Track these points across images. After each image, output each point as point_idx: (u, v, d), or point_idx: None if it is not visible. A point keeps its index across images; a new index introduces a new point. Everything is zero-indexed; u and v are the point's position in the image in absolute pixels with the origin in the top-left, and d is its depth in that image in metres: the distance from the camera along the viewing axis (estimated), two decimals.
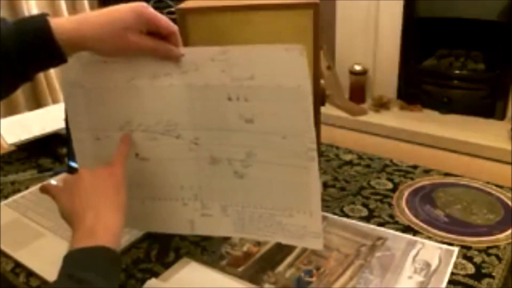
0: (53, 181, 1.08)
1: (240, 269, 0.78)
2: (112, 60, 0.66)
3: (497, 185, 0.99)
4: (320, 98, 0.90)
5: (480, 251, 0.81)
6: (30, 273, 0.81)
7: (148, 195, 0.72)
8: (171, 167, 0.70)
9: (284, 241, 0.69)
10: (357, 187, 1.01)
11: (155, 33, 0.63)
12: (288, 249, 0.82)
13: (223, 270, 0.78)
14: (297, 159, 0.64)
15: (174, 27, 0.64)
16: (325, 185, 1.02)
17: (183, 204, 0.71)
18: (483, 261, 0.78)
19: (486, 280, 0.74)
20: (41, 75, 2.63)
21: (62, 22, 0.60)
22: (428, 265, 0.77)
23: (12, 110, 2.26)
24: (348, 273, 0.76)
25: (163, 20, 0.63)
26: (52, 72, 2.69)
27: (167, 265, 0.80)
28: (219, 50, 0.63)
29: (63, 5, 2.71)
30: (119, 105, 0.68)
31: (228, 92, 0.64)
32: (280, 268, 0.78)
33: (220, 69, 0.63)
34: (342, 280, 0.75)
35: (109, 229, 0.59)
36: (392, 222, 0.89)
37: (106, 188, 0.62)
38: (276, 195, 0.67)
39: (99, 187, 0.62)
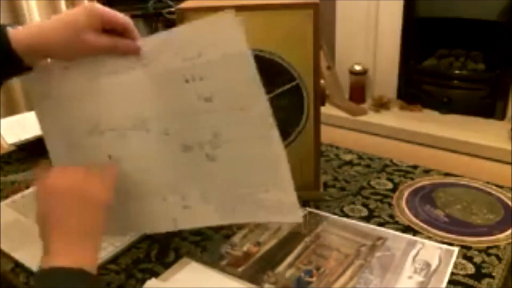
0: None
1: (240, 269, 0.78)
2: (73, 64, 0.66)
3: (497, 185, 0.99)
4: (320, 98, 0.90)
5: (480, 251, 0.81)
6: (30, 273, 0.81)
7: (126, 196, 0.71)
8: (145, 163, 0.69)
9: (266, 219, 0.69)
10: (357, 187, 1.01)
11: (112, 30, 0.63)
12: (288, 249, 0.82)
13: (223, 270, 0.78)
14: (257, 130, 0.64)
15: (128, 21, 0.63)
16: (325, 185, 1.02)
17: (162, 199, 0.70)
18: (483, 261, 0.78)
19: (486, 280, 0.74)
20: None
21: (20, 30, 0.62)
22: (428, 265, 0.77)
23: (12, 110, 2.26)
24: (348, 273, 0.76)
25: (116, 15, 0.62)
26: None
27: (167, 265, 0.80)
28: (167, 33, 0.63)
29: (63, 5, 2.71)
30: (85, 109, 0.68)
31: (184, 74, 0.64)
32: (280, 268, 0.78)
33: (174, 53, 0.63)
34: (342, 280, 0.75)
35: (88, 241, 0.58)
36: (392, 222, 0.89)
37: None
38: (248, 172, 0.66)
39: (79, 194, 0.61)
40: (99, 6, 0.62)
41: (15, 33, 0.61)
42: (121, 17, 0.63)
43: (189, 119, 0.66)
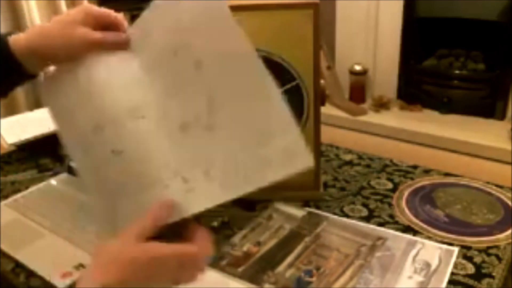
0: (53, 181, 1.08)
1: (240, 269, 0.78)
2: (72, 68, 0.67)
3: (497, 185, 0.99)
4: (320, 98, 0.90)
5: (480, 251, 0.81)
6: (30, 273, 0.81)
7: (132, 190, 0.68)
8: (145, 152, 0.66)
9: (276, 176, 0.62)
10: (357, 187, 1.01)
11: (106, 29, 0.66)
12: (288, 249, 0.82)
13: (223, 270, 0.78)
14: (251, 79, 0.62)
15: (118, 15, 0.66)
16: (325, 185, 1.02)
17: (164, 187, 0.65)
18: (483, 261, 0.78)
19: (486, 280, 0.74)
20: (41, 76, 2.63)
21: (20, 35, 0.64)
22: (428, 265, 0.77)
23: (12, 110, 2.26)
24: (348, 273, 0.76)
25: (107, 11, 0.66)
26: None
27: None
28: (148, 10, 0.64)
29: (63, 5, 2.71)
30: (87, 109, 0.67)
31: (171, 48, 0.63)
32: (280, 268, 0.78)
33: (160, 28, 0.64)
34: (342, 280, 0.75)
35: None
36: (392, 222, 0.89)
37: None
38: (249, 128, 0.63)
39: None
40: (93, 6, 0.65)
41: (14, 38, 0.63)
42: (111, 12, 0.66)
43: (184, 92, 0.65)
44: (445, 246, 0.81)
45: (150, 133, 0.66)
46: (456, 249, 0.80)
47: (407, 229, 0.87)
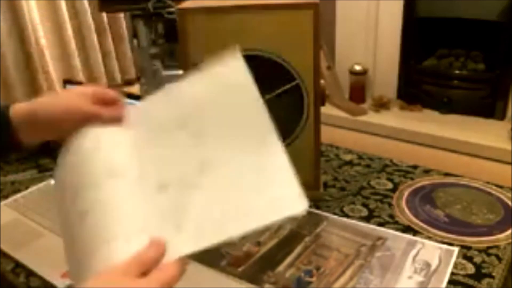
0: (53, 181, 1.08)
1: (240, 269, 0.78)
2: (71, 139, 0.66)
3: (497, 185, 0.99)
4: (320, 98, 0.90)
5: (480, 251, 0.81)
6: (30, 273, 0.81)
7: (96, 245, 0.60)
8: (111, 209, 0.61)
9: (263, 222, 0.58)
10: (357, 187, 1.01)
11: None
12: (288, 249, 0.82)
13: (223, 270, 0.78)
14: (256, 140, 0.60)
15: (116, 94, 0.67)
16: (325, 185, 1.02)
17: (125, 241, 0.58)
18: (483, 261, 0.78)
19: (486, 280, 0.74)
20: (41, 75, 2.63)
21: (23, 104, 0.66)
22: (428, 265, 0.77)
23: None
24: (348, 273, 0.76)
25: (106, 90, 0.68)
26: (52, 72, 2.69)
27: None
28: (164, 92, 0.63)
29: (63, 5, 2.72)
30: (72, 176, 0.64)
31: (174, 120, 0.62)
32: (280, 268, 0.78)
33: (165, 102, 0.63)
34: (342, 280, 0.75)
35: None
36: (392, 222, 0.89)
37: None
38: (240, 186, 0.60)
39: None
40: (95, 86, 0.69)
41: (16, 105, 0.65)
42: (110, 91, 0.68)
43: (175, 157, 0.62)
44: (445, 246, 0.81)
45: (123, 191, 0.62)
46: (456, 249, 0.80)
47: (407, 229, 0.87)
